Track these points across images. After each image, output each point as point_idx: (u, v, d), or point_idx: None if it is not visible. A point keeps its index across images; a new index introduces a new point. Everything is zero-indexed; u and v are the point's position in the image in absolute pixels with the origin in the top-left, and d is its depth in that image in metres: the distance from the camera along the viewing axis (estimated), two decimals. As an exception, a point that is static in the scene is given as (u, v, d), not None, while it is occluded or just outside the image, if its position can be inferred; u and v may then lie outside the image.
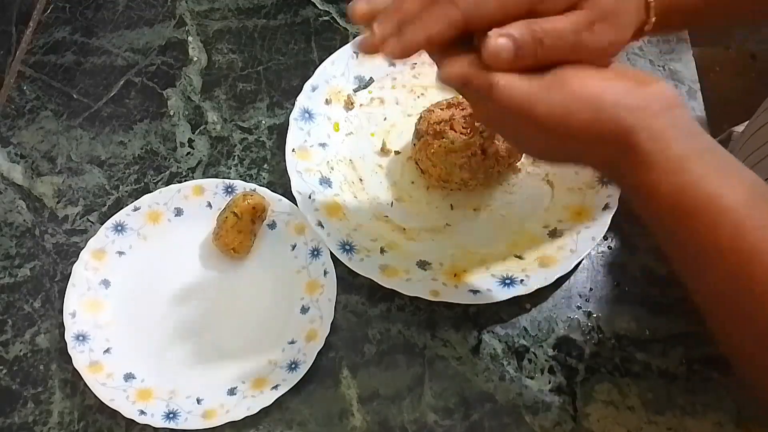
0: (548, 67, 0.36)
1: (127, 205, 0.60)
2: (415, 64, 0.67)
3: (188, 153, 0.66)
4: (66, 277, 0.58)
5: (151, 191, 0.62)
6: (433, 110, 0.59)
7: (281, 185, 0.62)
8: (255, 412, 0.52)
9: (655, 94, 0.37)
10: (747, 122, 0.65)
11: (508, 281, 0.55)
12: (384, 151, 0.63)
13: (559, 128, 0.36)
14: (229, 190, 0.61)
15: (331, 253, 0.57)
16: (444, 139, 0.57)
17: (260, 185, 0.61)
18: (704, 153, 0.37)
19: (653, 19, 0.41)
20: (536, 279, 0.55)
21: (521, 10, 0.36)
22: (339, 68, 0.66)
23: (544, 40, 0.36)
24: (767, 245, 0.35)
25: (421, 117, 0.59)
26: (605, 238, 0.59)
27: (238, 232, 0.57)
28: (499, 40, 0.35)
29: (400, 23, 0.37)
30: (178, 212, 0.61)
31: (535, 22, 0.36)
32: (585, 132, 0.36)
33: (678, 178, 0.36)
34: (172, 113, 0.68)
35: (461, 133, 0.57)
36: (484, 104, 0.38)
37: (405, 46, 0.37)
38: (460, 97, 0.62)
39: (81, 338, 0.55)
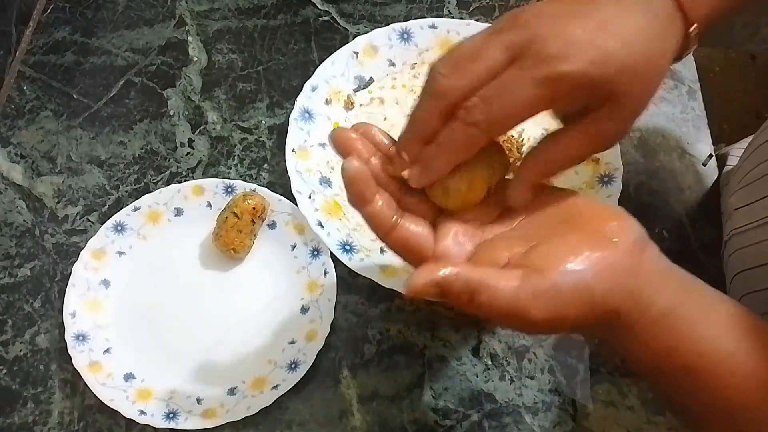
0: (521, 246, 0.36)
1: (127, 205, 0.60)
2: (415, 64, 0.67)
3: (188, 153, 0.66)
4: (66, 277, 0.58)
5: (151, 191, 0.62)
6: None
7: (281, 185, 0.62)
8: (255, 412, 0.52)
9: (626, 250, 0.35)
10: (747, 139, 0.65)
11: (508, 281, 0.55)
12: (384, 151, 0.63)
13: (555, 326, 0.35)
14: (229, 190, 0.61)
15: (331, 253, 0.57)
16: None
17: (260, 185, 0.61)
18: (682, 301, 0.36)
19: (695, 47, 0.39)
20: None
21: (544, 108, 0.35)
22: (339, 68, 0.66)
23: (561, 167, 0.37)
24: (758, 396, 0.35)
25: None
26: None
27: (238, 232, 0.57)
28: (518, 194, 0.37)
29: (422, 147, 0.36)
30: (178, 212, 0.61)
31: (548, 156, 0.37)
32: (581, 322, 0.35)
33: (662, 341, 0.36)
34: (172, 113, 0.68)
35: None
36: (469, 310, 0.36)
37: (430, 177, 0.37)
38: None
39: (81, 338, 0.55)
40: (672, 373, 0.37)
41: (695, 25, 0.38)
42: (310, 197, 0.59)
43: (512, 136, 0.61)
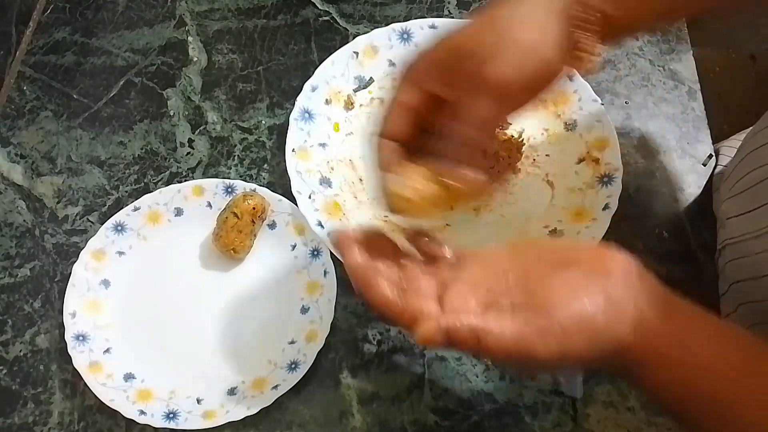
0: (519, 286, 0.37)
1: (127, 205, 0.60)
2: (415, 64, 0.67)
3: (188, 153, 0.65)
4: (66, 278, 0.58)
5: (151, 191, 0.62)
6: None
7: (281, 185, 0.62)
8: (255, 412, 0.52)
9: (625, 282, 0.37)
10: (737, 136, 0.65)
11: (508, 281, 0.55)
12: (384, 151, 0.63)
13: (562, 361, 0.36)
14: (229, 190, 0.61)
15: (331, 253, 0.57)
16: None
17: (260, 185, 0.61)
18: (687, 329, 0.37)
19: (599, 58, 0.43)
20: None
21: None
22: (339, 68, 0.65)
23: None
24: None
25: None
26: (605, 238, 0.58)
27: (238, 232, 0.57)
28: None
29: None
30: (178, 212, 0.61)
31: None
32: (586, 355, 0.36)
33: (672, 372, 0.37)
34: (172, 113, 0.68)
35: None
36: (478, 355, 0.40)
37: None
38: None
39: (81, 338, 0.55)
40: (682, 403, 0.38)
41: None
42: (310, 197, 0.59)
43: (512, 136, 0.61)
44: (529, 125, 0.63)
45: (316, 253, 0.58)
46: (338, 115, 0.65)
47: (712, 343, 0.38)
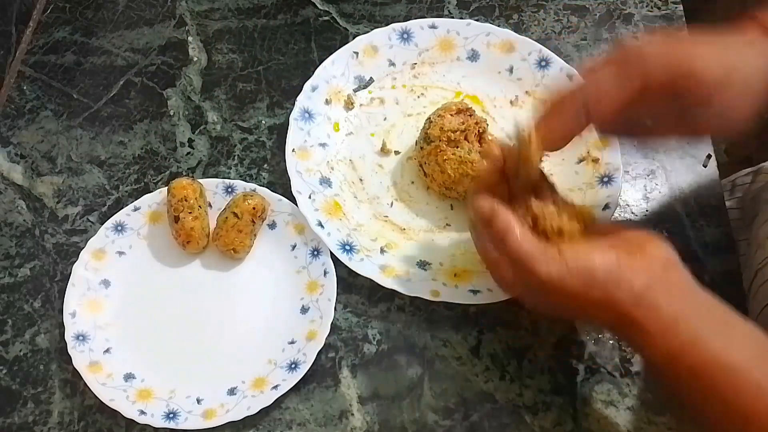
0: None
1: (127, 205, 0.60)
2: (415, 64, 0.67)
3: (188, 153, 0.65)
4: (66, 277, 0.58)
5: (151, 191, 0.62)
6: (443, 115, 0.58)
7: (281, 185, 0.62)
8: (255, 412, 0.52)
9: (644, 262, 0.40)
10: None
11: (508, 281, 0.55)
12: (384, 151, 0.63)
13: (556, 291, 0.40)
14: (229, 190, 0.61)
15: (331, 253, 0.57)
16: (459, 149, 0.57)
17: (260, 185, 0.61)
18: (699, 312, 0.39)
19: None
20: (536, 279, 0.55)
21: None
22: (339, 68, 0.66)
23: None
24: (764, 405, 0.36)
25: (431, 121, 0.59)
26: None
27: (238, 232, 0.57)
28: None
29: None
30: (178, 212, 0.61)
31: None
32: (578, 299, 0.40)
33: (672, 341, 0.38)
34: (172, 113, 0.68)
35: (475, 144, 0.58)
36: (493, 249, 0.44)
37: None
38: (468, 102, 0.62)
39: (81, 338, 0.55)
40: (679, 374, 0.38)
41: None
42: (310, 197, 0.59)
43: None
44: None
45: (316, 253, 0.58)
46: (338, 115, 0.65)
47: (723, 332, 0.39)
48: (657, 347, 0.39)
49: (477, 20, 0.68)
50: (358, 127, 0.65)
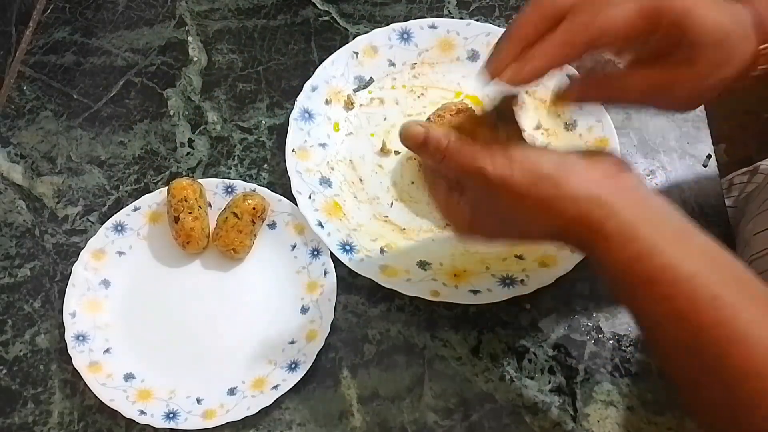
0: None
1: (127, 205, 0.60)
2: (415, 64, 0.67)
3: (188, 153, 0.65)
4: (66, 277, 0.58)
5: (151, 191, 0.62)
6: (443, 116, 0.58)
7: (281, 185, 0.62)
8: (255, 412, 0.52)
9: (600, 163, 0.38)
10: None
11: (508, 281, 0.55)
12: (384, 151, 0.63)
13: (504, 192, 0.38)
14: (229, 190, 0.61)
15: (331, 253, 0.57)
16: None
17: (260, 185, 0.61)
18: (656, 219, 0.38)
19: (761, 68, 0.41)
20: (536, 279, 0.55)
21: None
22: (339, 68, 0.66)
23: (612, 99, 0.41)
24: (721, 315, 0.35)
25: (431, 121, 0.59)
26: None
27: (238, 232, 0.57)
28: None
29: (521, 48, 0.39)
30: (178, 212, 0.61)
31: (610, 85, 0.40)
32: (526, 199, 0.38)
33: (630, 247, 0.36)
34: (172, 113, 0.68)
35: None
36: (440, 176, 0.42)
37: (527, 74, 0.39)
38: (468, 102, 0.62)
39: (81, 338, 0.55)
40: (637, 282, 0.37)
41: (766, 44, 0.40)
42: (310, 197, 0.59)
43: None
44: (529, 125, 0.63)
45: (316, 253, 0.58)
46: (338, 115, 0.65)
47: (677, 241, 0.37)
48: (613, 252, 0.37)
49: (477, 20, 0.68)
50: (358, 127, 0.65)
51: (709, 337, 0.35)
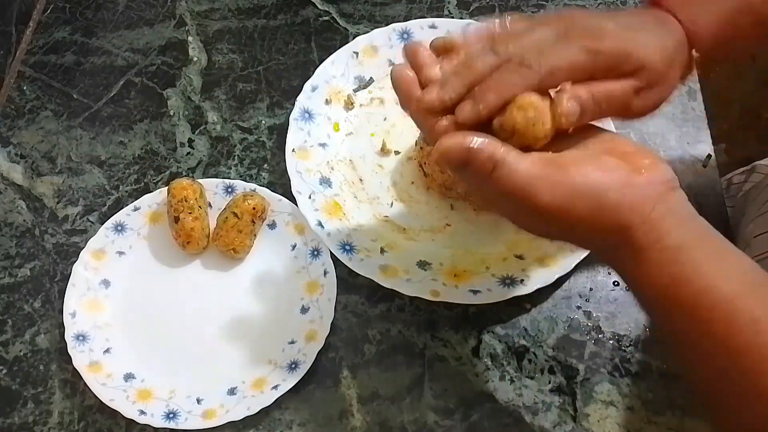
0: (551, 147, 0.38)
1: (127, 205, 0.60)
2: (415, 64, 0.67)
3: (188, 153, 0.66)
4: (66, 277, 0.58)
5: (151, 191, 0.62)
6: None
7: (281, 185, 0.62)
8: (255, 412, 0.52)
9: (652, 182, 0.37)
10: None
11: (508, 281, 0.55)
12: (384, 151, 0.63)
13: (559, 218, 0.37)
14: (229, 190, 0.61)
15: (331, 253, 0.57)
16: None
17: (260, 185, 0.61)
18: (698, 241, 0.37)
19: (694, 70, 0.44)
20: (536, 279, 0.55)
21: (584, 76, 0.38)
22: (339, 68, 0.66)
23: (602, 104, 0.38)
24: (760, 339, 0.35)
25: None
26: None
27: (238, 232, 0.57)
28: (569, 103, 0.37)
29: (471, 86, 0.38)
30: (178, 212, 0.61)
31: (595, 87, 0.38)
32: (585, 224, 0.37)
33: (672, 270, 0.36)
34: (172, 113, 0.68)
35: None
36: (481, 186, 0.38)
37: (480, 111, 0.37)
38: None
39: (81, 338, 0.55)
40: (675, 305, 0.37)
41: (695, 51, 0.43)
42: (310, 197, 0.59)
43: None
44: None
45: (316, 253, 0.58)
46: (338, 115, 0.65)
47: (721, 263, 0.37)
48: (654, 276, 0.37)
49: (477, 20, 0.68)
50: (358, 127, 0.65)
51: (747, 362, 0.35)
